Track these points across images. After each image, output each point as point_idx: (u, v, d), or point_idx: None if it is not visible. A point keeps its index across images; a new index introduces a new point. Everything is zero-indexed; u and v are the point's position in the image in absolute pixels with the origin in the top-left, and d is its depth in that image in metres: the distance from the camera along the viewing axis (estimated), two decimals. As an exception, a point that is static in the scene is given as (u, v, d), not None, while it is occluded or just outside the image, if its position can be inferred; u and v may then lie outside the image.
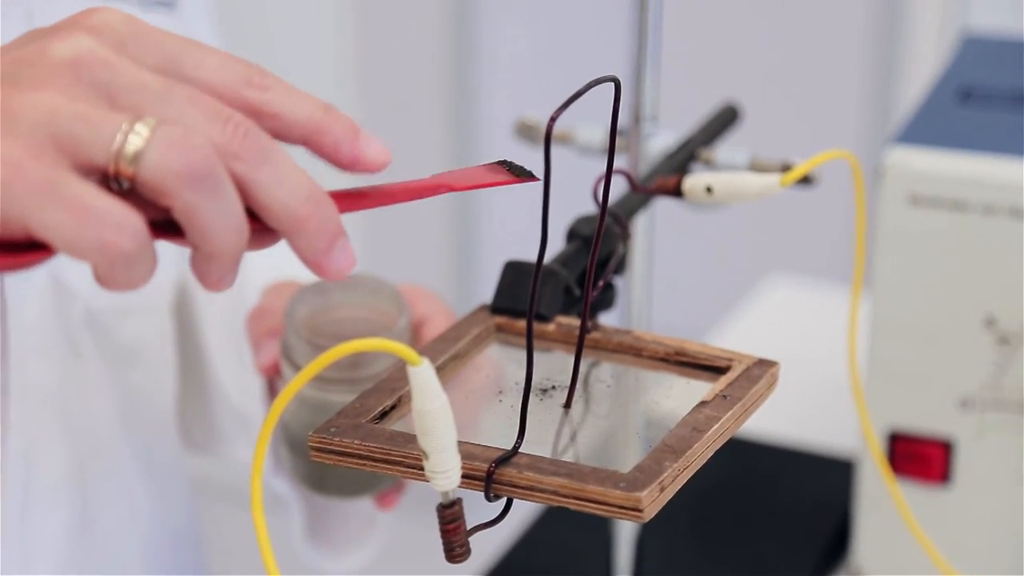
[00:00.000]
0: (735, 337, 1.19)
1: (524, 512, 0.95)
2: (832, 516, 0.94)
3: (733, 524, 0.94)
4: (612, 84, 0.54)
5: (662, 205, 0.81)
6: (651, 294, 0.80)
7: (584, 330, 0.58)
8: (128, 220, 0.48)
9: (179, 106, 0.50)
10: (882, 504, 0.87)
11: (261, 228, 0.52)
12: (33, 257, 0.50)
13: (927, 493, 0.87)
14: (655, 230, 0.78)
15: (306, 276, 0.79)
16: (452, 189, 0.55)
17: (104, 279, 0.49)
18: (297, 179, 0.52)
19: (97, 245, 0.48)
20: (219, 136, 0.51)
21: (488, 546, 1.03)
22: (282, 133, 0.53)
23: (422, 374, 0.49)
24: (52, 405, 0.76)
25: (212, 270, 0.52)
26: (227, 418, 0.85)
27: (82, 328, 0.77)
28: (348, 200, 0.55)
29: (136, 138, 0.49)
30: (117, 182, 0.49)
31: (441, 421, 0.49)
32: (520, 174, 0.56)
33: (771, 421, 1.05)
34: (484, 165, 0.56)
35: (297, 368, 0.76)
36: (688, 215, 1.39)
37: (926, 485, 0.87)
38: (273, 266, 0.85)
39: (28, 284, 0.74)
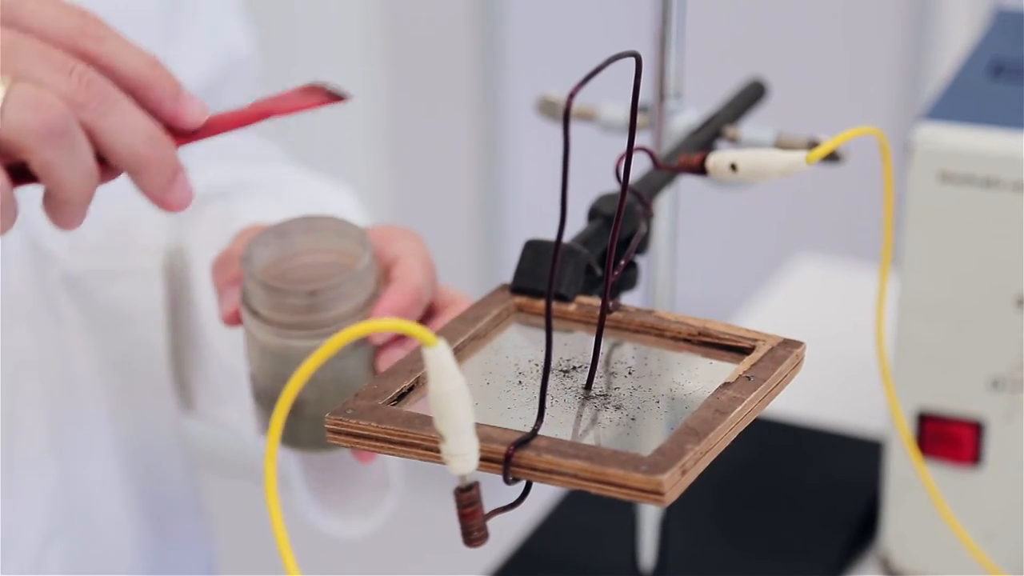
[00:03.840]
0: (762, 317, 1.18)
1: (548, 494, 0.94)
2: (861, 497, 0.93)
3: (760, 505, 0.92)
4: (635, 60, 0.53)
5: (688, 184, 0.80)
6: (675, 274, 0.79)
7: (605, 310, 0.57)
8: None
9: (28, 60, 0.57)
10: (911, 486, 0.86)
11: (104, 167, 0.58)
12: None
13: (957, 474, 0.86)
14: (680, 208, 0.77)
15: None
16: (273, 114, 0.60)
17: None
18: (138, 122, 0.57)
19: None
20: (66, 87, 0.55)
21: (511, 529, 1.02)
22: (112, 83, 0.57)
23: (438, 355, 0.48)
24: (33, 370, 0.76)
25: (66, 213, 0.57)
26: (222, 380, 0.83)
27: (62, 292, 0.77)
28: (183, 137, 0.60)
29: None
30: None
31: (457, 403, 0.48)
32: (336, 95, 0.60)
33: (799, 401, 1.04)
34: (300, 87, 0.61)
35: (255, 314, 0.71)
36: (716, 194, 1.38)
37: (956, 466, 0.85)
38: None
39: (2, 250, 0.74)
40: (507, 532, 1.01)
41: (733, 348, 0.59)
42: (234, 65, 0.86)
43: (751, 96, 0.79)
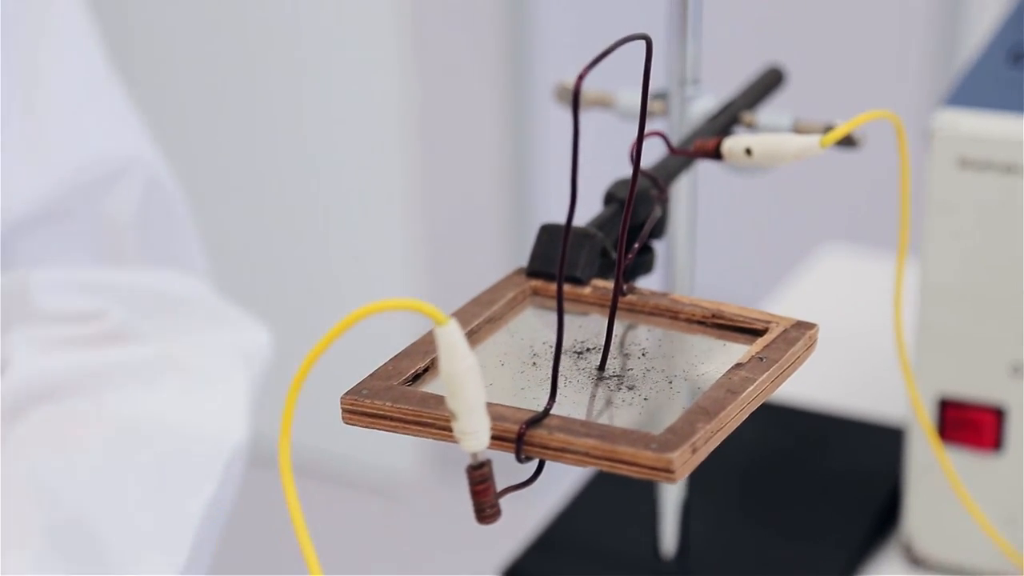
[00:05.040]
0: (788, 305, 1.18)
1: (570, 481, 0.94)
2: (884, 484, 0.93)
3: (783, 492, 0.93)
4: (645, 43, 0.54)
5: (715, 172, 0.80)
6: (694, 258, 0.79)
7: (618, 293, 0.58)
8: None
9: None
10: (932, 472, 0.86)
11: None
12: None
13: (978, 460, 0.86)
14: (706, 197, 0.78)
15: None
16: None
17: None
18: None
19: None
20: None
21: (533, 514, 1.02)
22: None
23: (449, 334, 0.48)
24: None
25: None
26: None
27: None
28: None
29: None
30: None
31: (469, 382, 0.49)
32: None
33: (824, 389, 1.04)
34: None
35: None
36: (743, 183, 1.38)
37: (978, 452, 0.86)
38: None
39: None
40: (530, 517, 1.01)
41: (747, 330, 0.59)
42: (110, 178, 0.78)
43: (769, 82, 0.80)
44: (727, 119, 0.75)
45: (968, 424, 0.85)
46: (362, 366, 0.62)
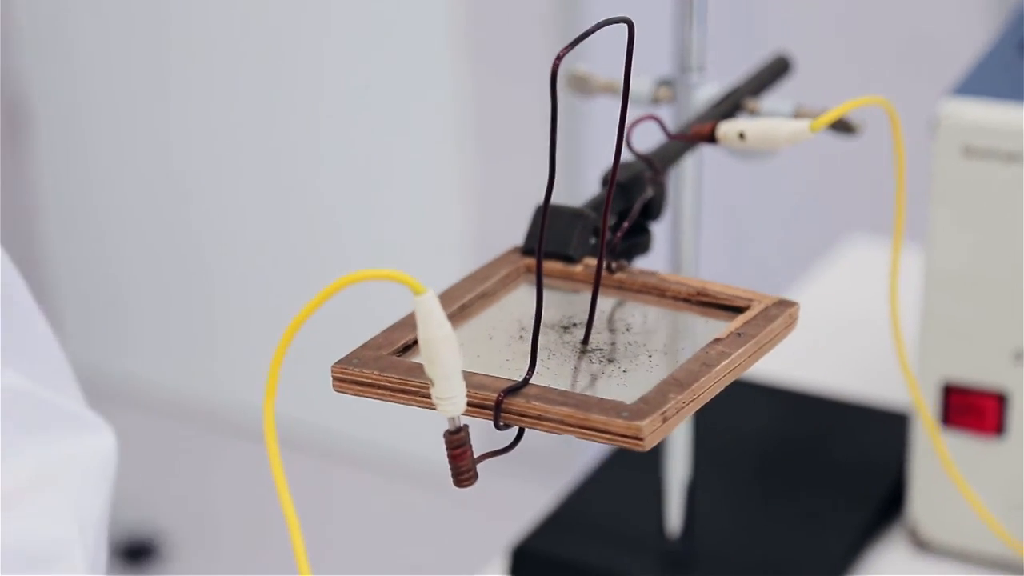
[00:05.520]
0: (809, 295, 1.19)
1: (582, 464, 0.96)
2: (891, 469, 0.95)
3: (792, 476, 0.94)
4: (627, 27, 0.55)
5: (743, 164, 0.82)
6: (699, 241, 0.81)
7: (600, 269, 0.60)
8: None
9: None
10: (936, 457, 0.87)
11: None
12: None
13: (982, 445, 0.87)
14: (727, 185, 0.79)
15: None
16: None
17: None
18: None
19: None
20: None
21: (540, 499, 1.04)
22: None
23: (426, 303, 0.50)
24: None
25: None
26: None
27: None
28: None
29: None
30: None
31: (445, 349, 0.51)
32: None
33: (840, 376, 1.05)
34: None
35: None
36: (769, 174, 1.39)
37: (981, 437, 0.87)
38: None
39: None
40: (537, 502, 1.03)
41: (730, 307, 0.61)
42: None
43: (775, 71, 0.81)
44: (730, 105, 0.77)
45: (971, 409, 0.87)
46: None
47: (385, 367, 0.57)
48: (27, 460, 0.68)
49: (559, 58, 0.52)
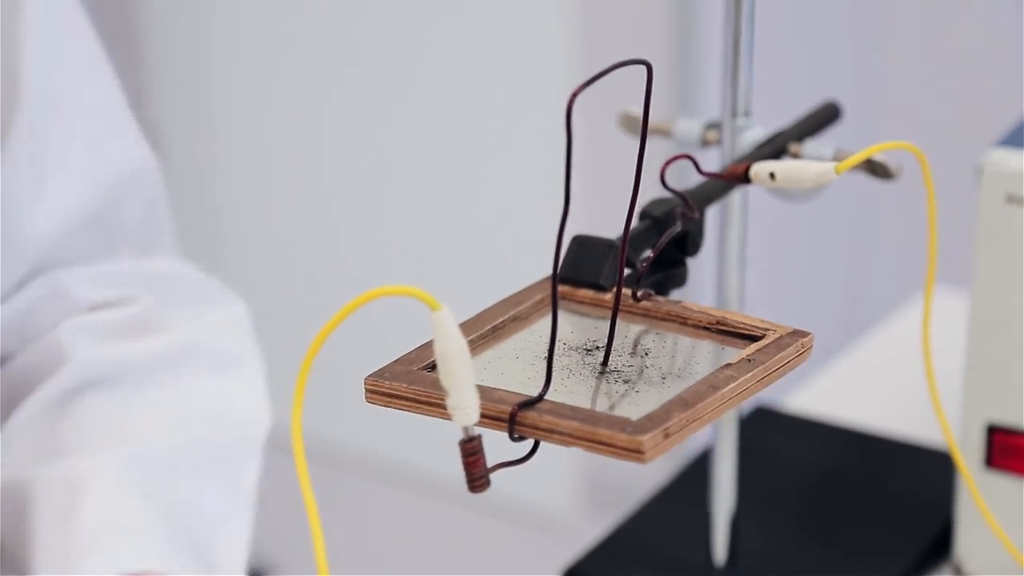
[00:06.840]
0: (879, 340, 1.22)
1: (629, 500, 0.99)
2: (942, 509, 0.97)
3: (840, 510, 0.96)
4: (646, 69, 0.59)
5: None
6: (744, 278, 0.84)
7: (619, 295, 0.63)
8: None
9: None
10: (982, 497, 0.89)
11: None
12: None
13: (1024, 487, 0.89)
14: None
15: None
16: None
17: None
18: None
19: None
20: None
21: (592, 530, 1.07)
22: None
23: (442, 318, 0.54)
24: None
25: None
26: None
27: None
28: None
29: None
30: None
31: (459, 361, 0.55)
32: None
33: (890, 416, 1.07)
34: None
35: None
36: (847, 224, 1.41)
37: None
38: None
39: None
40: (589, 533, 1.05)
41: (747, 336, 0.64)
42: (124, 182, 0.85)
43: (823, 117, 0.84)
44: (774, 148, 0.80)
45: (1015, 450, 0.89)
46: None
47: (413, 380, 0.61)
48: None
49: (574, 95, 0.56)
